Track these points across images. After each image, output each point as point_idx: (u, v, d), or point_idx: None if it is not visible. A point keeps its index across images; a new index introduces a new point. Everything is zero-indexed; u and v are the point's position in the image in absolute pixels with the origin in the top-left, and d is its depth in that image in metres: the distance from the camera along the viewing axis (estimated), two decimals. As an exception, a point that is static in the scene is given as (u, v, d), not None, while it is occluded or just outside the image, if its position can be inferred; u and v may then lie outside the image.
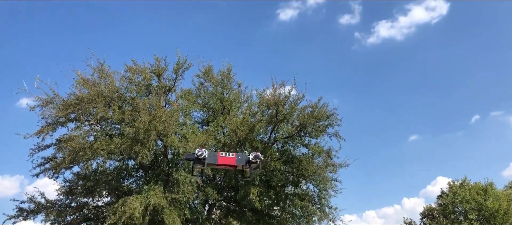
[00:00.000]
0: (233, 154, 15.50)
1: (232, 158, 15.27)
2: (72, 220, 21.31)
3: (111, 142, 17.74)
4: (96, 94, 18.26)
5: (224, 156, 14.94)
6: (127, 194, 19.71)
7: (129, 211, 16.80)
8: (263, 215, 23.65)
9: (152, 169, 20.77)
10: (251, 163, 13.86)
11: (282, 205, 23.26)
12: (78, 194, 20.40)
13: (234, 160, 15.53)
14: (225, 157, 15.00)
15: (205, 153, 12.95)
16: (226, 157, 15.07)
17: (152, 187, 18.43)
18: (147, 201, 17.47)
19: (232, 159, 15.39)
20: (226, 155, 15.01)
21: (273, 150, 22.39)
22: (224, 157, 14.94)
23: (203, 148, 12.77)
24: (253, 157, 15.57)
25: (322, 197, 22.93)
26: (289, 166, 22.30)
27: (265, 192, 21.89)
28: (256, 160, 15.59)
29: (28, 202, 20.35)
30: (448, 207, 32.80)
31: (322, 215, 22.34)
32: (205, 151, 12.79)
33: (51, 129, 18.27)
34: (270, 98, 21.78)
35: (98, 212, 22.05)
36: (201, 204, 23.01)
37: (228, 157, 15.19)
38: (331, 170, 22.58)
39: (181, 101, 21.79)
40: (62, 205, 20.83)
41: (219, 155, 15.13)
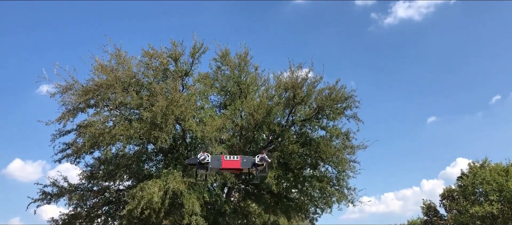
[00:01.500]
0: (238, 157, 15.03)
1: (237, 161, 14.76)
2: (94, 204, 21.76)
3: (130, 127, 17.93)
4: (114, 79, 18.41)
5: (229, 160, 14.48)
6: (147, 178, 19.98)
7: (148, 196, 17.02)
8: (281, 197, 23.79)
9: (171, 153, 20.98)
10: (258, 166, 13.66)
11: (300, 187, 23.31)
12: (99, 178, 20.76)
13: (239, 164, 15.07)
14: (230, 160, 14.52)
15: (208, 157, 12.61)
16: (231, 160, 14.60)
17: (171, 171, 18.63)
18: (166, 186, 17.65)
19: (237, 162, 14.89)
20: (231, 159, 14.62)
21: (290, 133, 22.34)
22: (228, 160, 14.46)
23: (205, 152, 12.45)
24: (259, 159, 15.11)
25: (341, 179, 22.88)
26: (307, 149, 22.25)
27: (283, 175, 21.97)
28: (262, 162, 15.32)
29: (51, 186, 20.88)
30: (468, 188, 32.42)
31: (340, 196, 22.29)
32: (208, 156, 12.44)
33: (72, 115, 18.55)
34: (288, 80, 21.68)
35: (119, 195, 22.45)
36: (219, 188, 23.19)
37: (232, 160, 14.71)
38: (349, 152, 22.50)
39: (198, 85, 21.83)
40: (84, 189, 21.26)
41: (223, 159, 14.65)
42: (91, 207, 21.72)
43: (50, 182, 20.99)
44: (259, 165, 15.11)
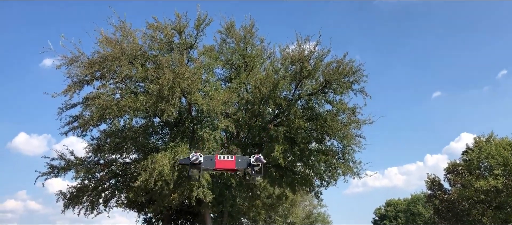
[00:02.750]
0: (232, 156, 14.62)
1: (231, 161, 14.29)
2: (101, 177, 21.89)
3: (137, 100, 17.84)
4: (119, 52, 18.23)
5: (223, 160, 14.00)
6: (154, 151, 20.03)
7: (159, 168, 17.05)
8: (286, 171, 23.84)
9: (177, 127, 20.95)
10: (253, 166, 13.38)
11: (306, 161, 23.31)
12: (106, 151, 20.80)
13: (233, 164, 14.62)
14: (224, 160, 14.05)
15: (201, 157, 12.26)
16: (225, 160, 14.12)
17: (178, 144, 18.62)
18: (176, 158, 17.66)
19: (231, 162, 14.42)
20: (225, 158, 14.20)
21: (297, 107, 22.20)
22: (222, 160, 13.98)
23: (198, 152, 12.13)
24: (255, 160, 14.78)
25: (346, 153, 22.86)
26: (313, 123, 22.14)
27: (289, 149, 21.94)
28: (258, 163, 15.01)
29: (58, 159, 20.95)
30: (473, 163, 32.41)
31: (346, 169, 22.30)
32: (201, 156, 12.09)
33: (78, 88, 18.44)
34: (295, 53, 21.41)
35: (126, 168, 22.56)
36: (225, 161, 23.22)
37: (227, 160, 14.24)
38: (355, 126, 22.40)
39: (203, 58, 21.61)
40: (91, 162, 21.34)
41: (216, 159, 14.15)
42: (98, 180, 21.86)
43: (57, 156, 21.09)
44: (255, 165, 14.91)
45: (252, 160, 14.41)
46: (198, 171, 12.68)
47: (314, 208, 59.23)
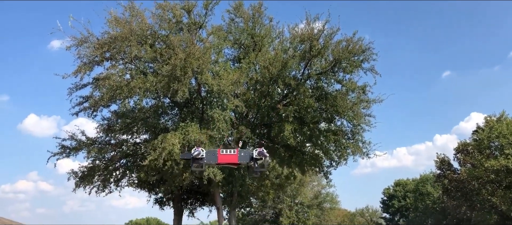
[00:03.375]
0: (234, 151, 14.58)
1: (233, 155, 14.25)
2: (112, 157, 22.10)
3: (146, 81, 17.85)
4: (129, 32, 18.18)
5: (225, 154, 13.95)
6: (164, 131, 20.11)
7: (169, 147, 17.14)
8: (295, 151, 23.86)
9: (187, 107, 21.00)
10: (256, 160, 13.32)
11: (315, 141, 23.30)
12: (117, 131, 20.95)
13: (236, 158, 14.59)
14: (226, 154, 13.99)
15: (203, 152, 12.28)
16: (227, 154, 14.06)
17: (188, 124, 18.68)
18: (188, 137, 17.74)
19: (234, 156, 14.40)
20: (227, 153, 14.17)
21: (306, 87, 22.09)
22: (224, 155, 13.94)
23: (200, 147, 12.17)
24: (257, 153, 14.76)
25: (356, 133, 22.79)
26: (323, 103, 22.06)
27: (299, 128, 21.90)
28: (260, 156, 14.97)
29: (70, 140, 21.17)
30: (483, 142, 32.25)
31: (355, 149, 22.27)
32: (202, 151, 12.09)
33: (88, 69, 18.45)
34: (304, 32, 21.19)
35: (137, 148, 22.73)
36: (235, 142, 23.31)
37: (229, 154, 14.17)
38: (365, 106, 22.30)
39: (212, 38, 21.51)
40: (102, 142, 21.52)
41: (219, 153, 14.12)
42: (109, 160, 22.07)
43: (68, 136, 21.29)
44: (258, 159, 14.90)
45: (255, 154, 14.48)
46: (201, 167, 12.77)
47: (322, 188, 59.48)
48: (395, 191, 61.47)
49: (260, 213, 58.69)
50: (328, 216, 59.66)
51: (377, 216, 69.51)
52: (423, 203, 51.72)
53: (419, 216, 52.71)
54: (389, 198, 62.03)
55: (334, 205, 60.48)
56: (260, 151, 14.51)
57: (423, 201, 51.86)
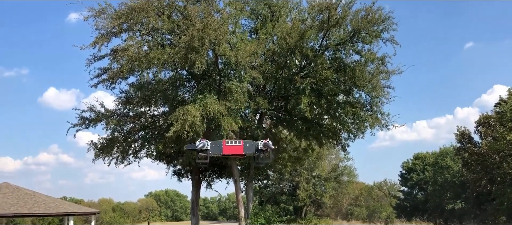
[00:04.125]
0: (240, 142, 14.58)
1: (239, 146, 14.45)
2: (131, 129, 22.35)
3: (164, 52, 17.85)
4: (146, 3, 18.12)
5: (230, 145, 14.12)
6: (181, 103, 20.18)
7: (191, 119, 17.20)
8: (313, 123, 23.72)
9: (204, 79, 20.96)
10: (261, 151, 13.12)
11: (333, 113, 23.13)
12: (135, 104, 21.11)
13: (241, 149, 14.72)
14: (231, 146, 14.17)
15: (207, 144, 12.39)
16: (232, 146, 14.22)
17: (206, 96, 18.68)
18: (207, 109, 17.76)
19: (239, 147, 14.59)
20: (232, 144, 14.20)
21: (324, 58, 21.79)
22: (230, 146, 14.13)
23: (204, 139, 12.20)
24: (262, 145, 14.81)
25: (374, 105, 22.52)
26: (341, 74, 21.76)
27: (316, 101, 21.72)
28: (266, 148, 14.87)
29: (89, 111, 21.46)
30: (506, 115, 31.48)
31: (374, 121, 22.03)
32: (207, 142, 12.15)
33: (106, 40, 18.56)
34: (322, 2, 20.79)
35: (155, 121, 22.92)
36: (252, 113, 23.30)
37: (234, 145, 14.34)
38: (384, 77, 21.97)
39: (229, 9, 21.25)
40: (121, 114, 21.76)
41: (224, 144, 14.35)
42: (128, 132, 22.34)
43: (87, 108, 21.57)
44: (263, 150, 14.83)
45: (260, 146, 14.58)
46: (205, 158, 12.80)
47: (340, 161, 59.47)
48: (414, 164, 60.98)
49: (277, 185, 59.14)
50: (345, 189, 59.84)
51: (395, 190, 69.35)
52: (442, 177, 51.20)
53: (437, 189, 52.26)
54: (408, 172, 61.64)
55: (351, 178, 60.51)
56: (265, 142, 14.77)
57: (442, 175, 51.31)
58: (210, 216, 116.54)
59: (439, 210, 50.90)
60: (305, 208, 58.12)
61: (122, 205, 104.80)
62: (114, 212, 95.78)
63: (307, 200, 55.76)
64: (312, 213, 58.33)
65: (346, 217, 55.96)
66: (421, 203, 58.13)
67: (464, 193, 47.38)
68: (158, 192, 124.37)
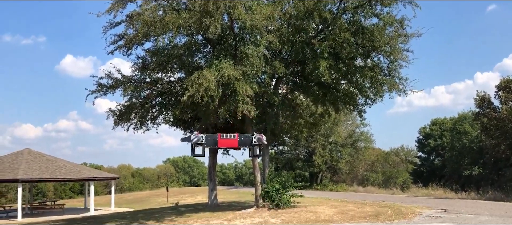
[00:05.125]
0: (235, 135, 16.09)
1: (233, 140, 15.57)
2: (148, 95, 22.49)
3: (179, 17, 17.69)
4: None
5: (225, 139, 15.12)
6: (197, 69, 20.12)
7: (206, 84, 17.18)
8: (330, 88, 23.53)
9: (220, 44, 20.78)
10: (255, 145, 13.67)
11: (351, 77, 22.88)
12: (151, 69, 21.14)
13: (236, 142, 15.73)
14: (226, 139, 15.23)
15: (202, 138, 13.07)
16: (227, 139, 15.28)
17: (222, 61, 18.58)
18: (222, 73, 17.70)
19: (234, 141, 15.69)
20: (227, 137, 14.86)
21: (342, 21, 21.40)
22: (225, 139, 15.18)
23: (199, 133, 12.70)
24: (256, 139, 15.53)
25: (393, 69, 22.21)
26: (359, 38, 21.38)
27: (334, 65, 21.47)
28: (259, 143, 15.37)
29: (106, 78, 21.62)
30: (528, 78, 30.91)
31: (392, 85, 21.77)
32: (202, 136, 12.77)
33: (121, 6, 18.51)
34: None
35: (171, 87, 22.98)
36: (268, 78, 23.15)
37: (229, 139, 15.45)
38: (402, 40, 21.61)
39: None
40: (138, 81, 21.86)
41: (219, 138, 15.26)
42: (145, 98, 22.48)
43: (105, 75, 21.73)
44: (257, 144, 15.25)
45: (254, 140, 15.04)
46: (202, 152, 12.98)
47: (356, 127, 59.36)
48: (432, 130, 60.51)
49: (293, 152, 59.51)
50: (362, 155, 59.90)
51: (412, 155, 69.16)
52: (460, 142, 50.79)
53: (455, 155, 51.97)
54: (425, 137, 61.26)
55: (368, 144, 60.51)
56: (259, 137, 15.65)
57: (460, 140, 50.89)
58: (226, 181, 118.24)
59: (456, 176, 50.72)
60: (321, 174, 58.54)
61: (141, 171, 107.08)
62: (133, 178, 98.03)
63: (323, 166, 56.09)
64: (328, 179, 58.76)
65: (362, 183, 56.16)
66: (438, 169, 57.96)
67: (482, 159, 47.04)
68: (175, 159, 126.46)
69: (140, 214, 24.45)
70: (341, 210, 22.23)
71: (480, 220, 17.92)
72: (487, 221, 17.49)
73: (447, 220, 18.29)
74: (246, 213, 21.24)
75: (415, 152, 68.50)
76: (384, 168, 62.90)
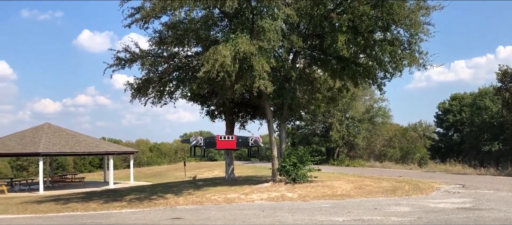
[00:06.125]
0: (232, 137, 17.42)
1: (231, 142, 16.72)
2: (165, 69, 22.51)
3: (196, -11, 17.52)
4: None
5: (223, 140, 16.21)
6: (214, 43, 20.02)
7: (221, 59, 17.08)
8: (348, 63, 23.20)
9: (237, 18, 20.56)
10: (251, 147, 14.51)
11: (370, 51, 22.49)
12: (168, 44, 21.10)
13: (234, 144, 17.36)
14: (225, 141, 16.32)
15: (201, 140, 13.87)
16: (226, 141, 16.36)
17: (238, 35, 18.41)
18: (237, 49, 17.57)
19: (232, 142, 16.84)
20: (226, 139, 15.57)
21: (362, -7, 20.92)
22: (223, 141, 16.25)
23: (198, 136, 13.47)
24: (253, 141, 16.38)
25: (413, 42, 21.74)
26: (379, 10, 20.88)
27: (353, 39, 21.09)
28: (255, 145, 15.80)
29: (124, 52, 21.68)
30: (553, 52, 30.02)
31: (412, 59, 21.34)
32: (201, 139, 13.57)
33: (138, -21, 18.38)
34: None
35: (188, 61, 22.94)
36: (286, 53, 22.90)
37: (227, 141, 16.53)
38: (424, 13, 21.07)
39: None
40: (155, 55, 21.88)
41: (217, 140, 16.15)
42: (163, 72, 22.51)
43: (122, 48, 21.80)
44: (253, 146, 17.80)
45: (251, 142, 17.76)
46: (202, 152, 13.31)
47: (375, 102, 58.79)
48: (451, 105, 59.62)
49: (310, 127, 59.38)
50: (379, 131, 59.48)
51: (430, 131, 68.46)
52: (480, 118, 49.96)
53: (474, 130, 51.23)
54: (444, 113, 60.45)
55: (386, 120, 59.98)
56: (255, 139, 16.45)
57: (480, 116, 50.05)
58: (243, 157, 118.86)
59: (475, 151, 50.13)
60: (338, 150, 58.45)
61: (158, 146, 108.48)
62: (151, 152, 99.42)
63: (339, 141, 55.93)
64: (345, 154, 58.66)
65: (379, 158, 55.97)
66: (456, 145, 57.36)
67: (502, 135, 46.32)
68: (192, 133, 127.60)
69: (159, 188, 24.80)
70: (358, 185, 22.21)
71: (499, 196, 17.72)
72: (507, 197, 17.29)
73: (466, 196, 18.13)
74: (263, 187, 21.38)
75: (433, 128, 67.78)
76: (401, 143, 62.47)
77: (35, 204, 20.78)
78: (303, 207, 15.92)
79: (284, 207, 16.08)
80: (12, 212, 18.76)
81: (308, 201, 17.87)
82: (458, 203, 15.79)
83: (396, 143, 62.09)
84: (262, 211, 14.90)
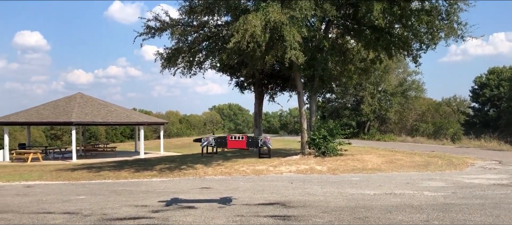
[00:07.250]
0: (243, 137, 17.69)
1: (242, 142, 17.38)
2: (195, 39, 22.30)
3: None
4: None
5: (234, 140, 17.14)
6: (244, 12, 19.58)
7: (251, 29, 16.71)
8: (383, 33, 22.36)
9: (268, -15, 20.04)
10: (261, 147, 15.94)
11: (406, 21, 21.59)
12: (198, 12, 20.82)
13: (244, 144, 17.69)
14: (235, 141, 17.17)
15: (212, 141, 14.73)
16: (236, 141, 17.22)
17: (269, 4, 17.92)
18: (267, 18, 17.13)
19: (242, 142, 17.46)
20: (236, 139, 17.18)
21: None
22: (233, 141, 17.11)
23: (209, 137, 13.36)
24: (262, 142, 18.25)
25: (452, 12, 20.70)
26: (417, -22, 19.97)
27: (388, 8, 20.23)
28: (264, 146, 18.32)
29: (154, 21, 21.56)
30: None
31: (449, 31, 20.37)
32: (212, 139, 14.15)
33: None
34: None
35: (218, 31, 22.64)
36: (318, 22, 22.26)
37: (238, 140, 17.30)
38: (464, -19, 19.96)
39: None
40: (185, 24, 21.67)
41: (228, 139, 17.45)
42: (192, 42, 22.32)
43: (153, 17, 21.68)
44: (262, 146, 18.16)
45: (260, 143, 18.09)
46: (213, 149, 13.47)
47: (408, 75, 57.18)
48: (488, 79, 57.45)
49: (340, 100, 58.46)
50: (412, 105, 58.03)
51: (465, 106, 66.35)
52: (519, 93, 48.07)
53: (512, 106, 49.43)
54: (481, 87, 58.36)
55: (419, 94, 58.33)
56: (265, 140, 18.16)
57: (519, 91, 48.14)
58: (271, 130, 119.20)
59: (513, 127, 48.42)
60: (369, 123, 57.47)
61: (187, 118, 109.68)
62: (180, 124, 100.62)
63: (371, 115, 54.92)
64: (375, 129, 57.64)
65: (411, 133, 54.72)
66: (492, 120, 55.48)
67: (543, 110, 44.42)
68: (221, 106, 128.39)
69: (189, 158, 24.96)
70: (389, 159, 21.73)
71: (541, 174, 16.95)
72: (549, 175, 16.51)
73: (503, 172, 17.44)
74: (292, 160, 21.17)
75: (468, 103, 65.64)
76: (434, 118, 60.85)
77: (69, 172, 21.27)
78: (333, 180, 15.66)
79: (313, 179, 15.86)
80: (47, 178, 19.26)
81: (338, 175, 17.58)
82: (495, 179, 15.18)
83: (429, 118, 60.49)
84: (291, 183, 14.72)
